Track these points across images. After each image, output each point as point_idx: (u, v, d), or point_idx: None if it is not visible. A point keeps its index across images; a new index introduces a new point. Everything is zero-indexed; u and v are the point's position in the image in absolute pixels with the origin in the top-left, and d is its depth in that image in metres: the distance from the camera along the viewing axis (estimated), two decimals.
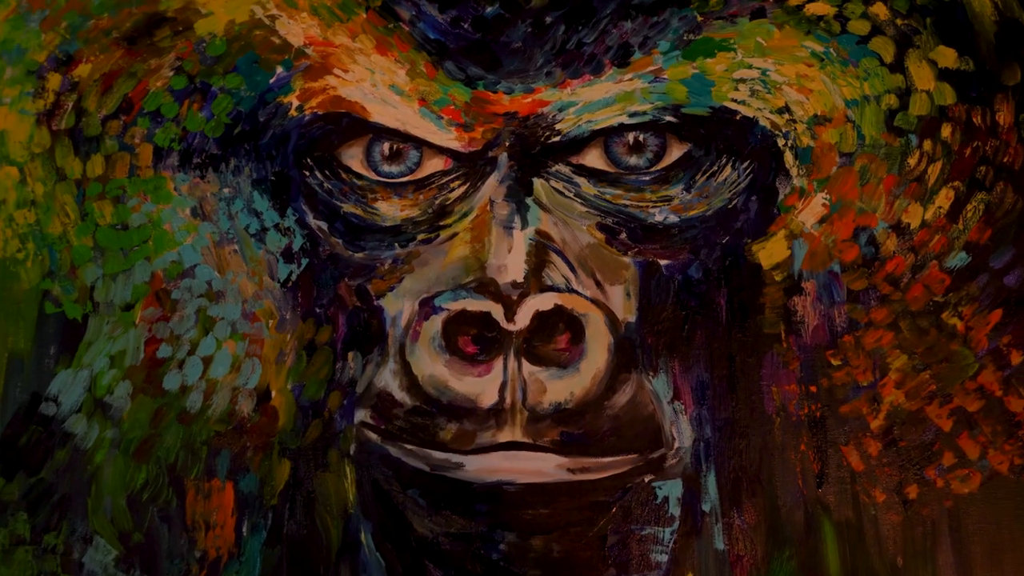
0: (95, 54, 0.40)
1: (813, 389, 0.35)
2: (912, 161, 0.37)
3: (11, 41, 0.41)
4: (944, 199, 0.36)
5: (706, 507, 0.35)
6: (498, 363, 0.36)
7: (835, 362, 0.35)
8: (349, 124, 0.39)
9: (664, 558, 0.34)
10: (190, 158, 0.39)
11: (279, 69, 0.39)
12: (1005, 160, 0.37)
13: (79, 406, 0.37)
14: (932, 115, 0.37)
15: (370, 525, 0.36)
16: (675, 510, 0.35)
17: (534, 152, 0.38)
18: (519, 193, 0.38)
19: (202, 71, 0.40)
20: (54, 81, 0.40)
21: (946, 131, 0.37)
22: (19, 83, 0.40)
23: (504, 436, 0.35)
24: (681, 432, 0.35)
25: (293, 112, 0.39)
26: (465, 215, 0.38)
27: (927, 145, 0.37)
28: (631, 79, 0.38)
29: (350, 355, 0.37)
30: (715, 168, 0.38)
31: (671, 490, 0.35)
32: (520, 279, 0.36)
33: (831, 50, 0.38)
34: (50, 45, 0.41)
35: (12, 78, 0.41)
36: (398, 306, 0.37)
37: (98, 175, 0.39)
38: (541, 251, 0.37)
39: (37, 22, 0.41)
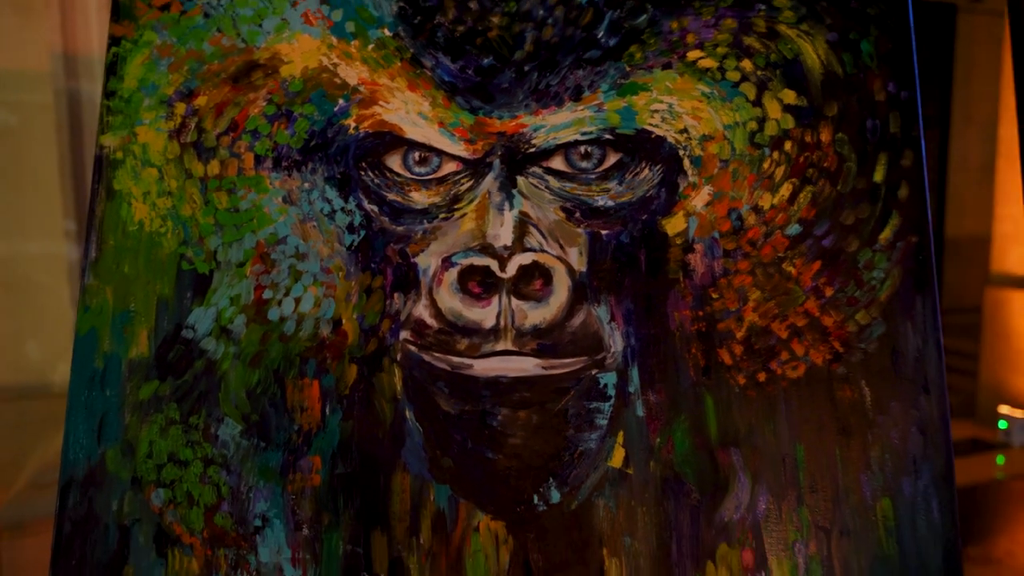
0: (209, 89, 0.57)
1: (700, 313, 0.54)
2: (766, 165, 0.56)
3: (147, 79, 0.58)
4: (785, 190, 0.56)
5: (631, 389, 0.53)
6: (495, 299, 0.54)
7: (714, 296, 0.54)
8: (391, 139, 0.57)
9: (604, 422, 0.53)
10: (280, 162, 0.56)
11: (340, 101, 0.57)
12: (825, 165, 0.56)
13: (210, 331, 0.54)
14: (779, 135, 0.56)
15: (412, 406, 0.54)
16: (611, 391, 0.53)
17: (517, 159, 0.56)
18: (508, 186, 0.56)
19: (286, 102, 0.57)
20: (180, 108, 0.57)
21: (787, 145, 0.56)
22: (154, 109, 0.57)
23: (500, 346, 0.54)
24: (616, 342, 0.54)
25: (351, 131, 0.57)
26: (471, 201, 0.56)
27: (775, 155, 0.56)
28: (582, 109, 0.57)
29: (395, 295, 0.55)
30: (638, 170, 0.56)
31: (608, 379, 0.54)
32: (509, 243, 0.55)
33: (715, 91, 0.57)
34: (176, 82, 0.58)
35: (149, 106, 0.57)
36: (427, 262, 0.55)
37: (215, 174, 0.56)
38: (523, 225, 0.55)
39: (166, 66, 0.58)
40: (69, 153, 1.47)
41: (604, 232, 0.55)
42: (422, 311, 0.54)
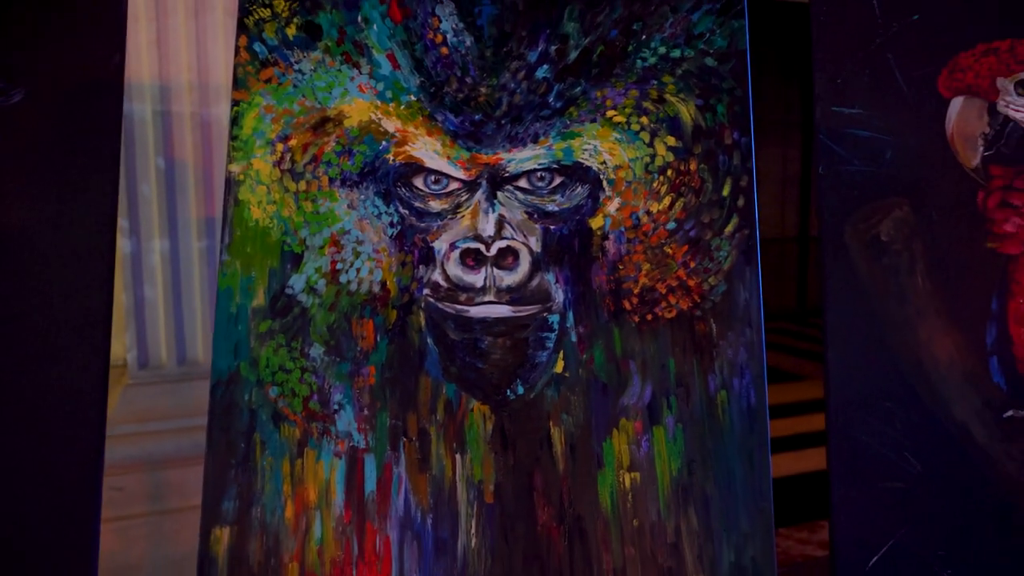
0: (298, 134, 0.89)
1: (611, 278, 0.86)
2: (655, 184, 0.88)
3: (257, 128, 0.89)
4: (667, 200, 0.88)
5: (568, 325, 0.85)
6: (483, 269, 0.86)
7: (620, 267, 0.86)
8: (416, 167, 0.88)
9: (551, 345, 0.85)
10: (345, 182, 0.88)
11: (383, 142, 0.88)
12: (693, 184, 0.88)
13: (303, 289, 0.86)
14: (664, 165, 0.88)
15: (431, 335, 0.85)
16: (555, 326, 0.85)
17: (497, 180, 0.88)
18: (491, 198, 0.87)
19: (348, 143, 0.88)
20: (279, 147, 0.88)
21: (669, 172, 0.88)
22: (263, 147, 0.88)
23: (487, 299, 0.85)
24: (559, 295, 0.86)
25: (391, 162, 0.88)
26: (468, 207, 0.88)
27: (661, 178, 0.88)
28: (539, 149, 0.88)
29: (420, 266, 0.87)
30: (574, 187, 0.88)
31: (554, 319, 0.86)
32: (492, 234, 0.86)
33: (623, 137, 0.89)
34: (276, 130, 0.89)
35: (259, 145, 0.88)
36: (440, 246, 0.87)
37: (303, 190, 0.88)
38: (500, 222, 0.87)
39: (269, 119, 0.89)
40: (123, 162, 1.77)
41: (552, 227, 0.87)
42: (437, 276, 0.86)
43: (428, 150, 0.88)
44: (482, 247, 0.86)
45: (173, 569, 1.59)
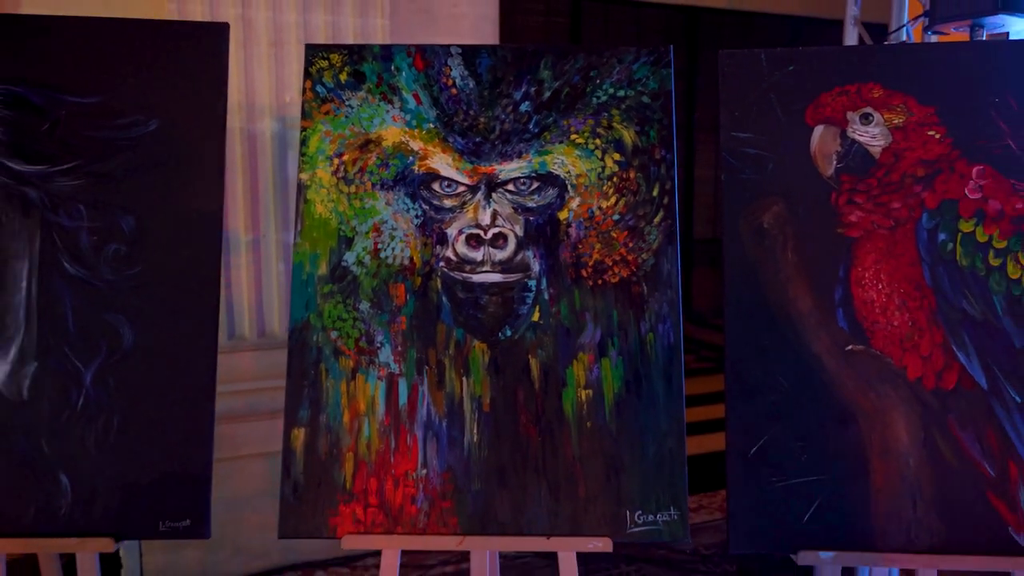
0: (349, 151, 1.23)
1: (573, 254, 1.21)
2: (605, 188, 1.23)
3: (320, 147, 1.23)
4: (613, 199, 1.23)
5: (543, 287, 1.20)
6: (482, 248, 1.21)
7: (580, 247, 1.21)
8: (434, 175, 1.23)
9: (530, 301, 1.20)
10: (383, 186, 1.23)
11: (410, 157, 1.23)
12: (632, 188, 1.23)
13: (354, 262, 1.21)
14: (611, 174, 1.23)
15: (445, 294, 1.20)
16: (533, 288, 1.20)
17: (492, 185, 1.23)
18: (488, 197, 1.22)
19: (385, 157, 1.23)
20: (336, 161, 1.23)
21: (615, 179, 1.23)
22: (324, 161, 1.23)
23: (484, 269, 1.21)
24: (535, 267, 1.21)
25: (416, 171, 1.23)
26: (471, 204, 1.22)
27: (609, 183, 1.23)
28: (522, 162, 1.23)
29: (438, 246, 1.21)
30: (547, 190, 1.23)
31: (532, 283, 1.21)
32: (488, 223, 1.21)
33: (582, 153, 1.24)
34: (333, 148, 1.23)
35: (321, 160, 1.23)
36: (452, 232, 1.22)
37: (353, 192, 1.22)
38: (495, 215, 1.22)
39: (328, 140, 1.24)
40: None
41: (531, 218, 1.23)
42: (449, 253, 1.21)
43: (442, 163, 1.23)
44: (481, 232, 1.21)
45: (229, 511, 1.92)
